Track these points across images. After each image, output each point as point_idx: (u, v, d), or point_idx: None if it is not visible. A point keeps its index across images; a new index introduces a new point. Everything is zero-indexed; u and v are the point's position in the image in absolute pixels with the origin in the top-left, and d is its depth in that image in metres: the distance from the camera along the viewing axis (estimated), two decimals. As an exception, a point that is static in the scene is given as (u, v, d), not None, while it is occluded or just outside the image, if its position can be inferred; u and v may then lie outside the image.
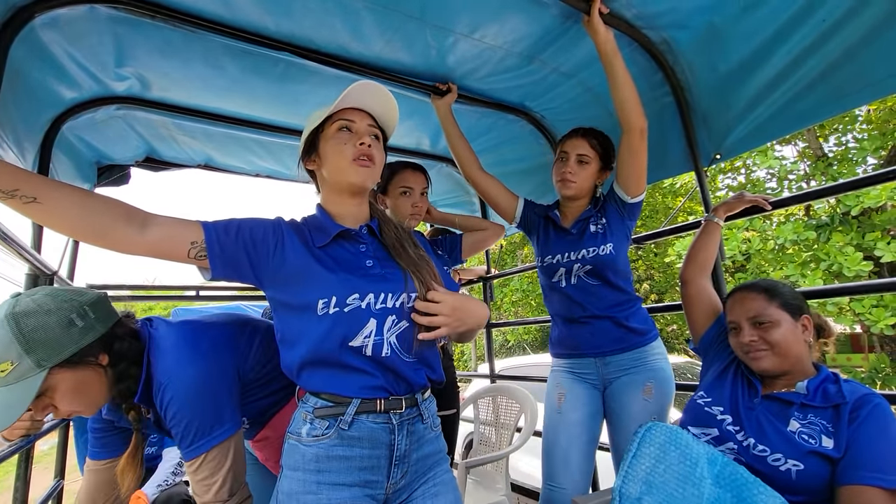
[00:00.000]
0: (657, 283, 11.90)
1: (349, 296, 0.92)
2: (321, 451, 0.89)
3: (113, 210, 0.82)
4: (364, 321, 0.92)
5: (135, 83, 1.64)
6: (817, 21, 1.33)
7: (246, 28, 1.44)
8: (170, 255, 0.88)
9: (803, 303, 1.16)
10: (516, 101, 2.06)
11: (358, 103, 1.04)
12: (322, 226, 1.02)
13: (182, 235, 0.88)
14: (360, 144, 0.99)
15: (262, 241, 0.95)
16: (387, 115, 1.09)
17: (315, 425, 0.91)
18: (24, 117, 1.40)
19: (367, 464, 0.91)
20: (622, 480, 1.04)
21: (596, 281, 1.54)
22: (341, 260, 0.98)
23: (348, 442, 0.90)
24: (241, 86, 1.72)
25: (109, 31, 1.36)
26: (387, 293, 0.95)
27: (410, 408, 0.97)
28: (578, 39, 1.59)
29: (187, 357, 1.00)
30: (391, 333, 0.94)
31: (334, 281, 0.92)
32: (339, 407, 0.91)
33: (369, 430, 0.91)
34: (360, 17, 1.42)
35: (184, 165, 2.26)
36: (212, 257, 0.90)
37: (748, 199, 1.57)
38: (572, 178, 1.56)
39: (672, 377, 1.52)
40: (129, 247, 0.84)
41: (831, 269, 5.48)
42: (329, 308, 0.90)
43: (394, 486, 0.94)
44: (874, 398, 1.00)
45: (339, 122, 1.02)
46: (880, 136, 5.58)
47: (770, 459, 1.02)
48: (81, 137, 1.82)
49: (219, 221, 0.95)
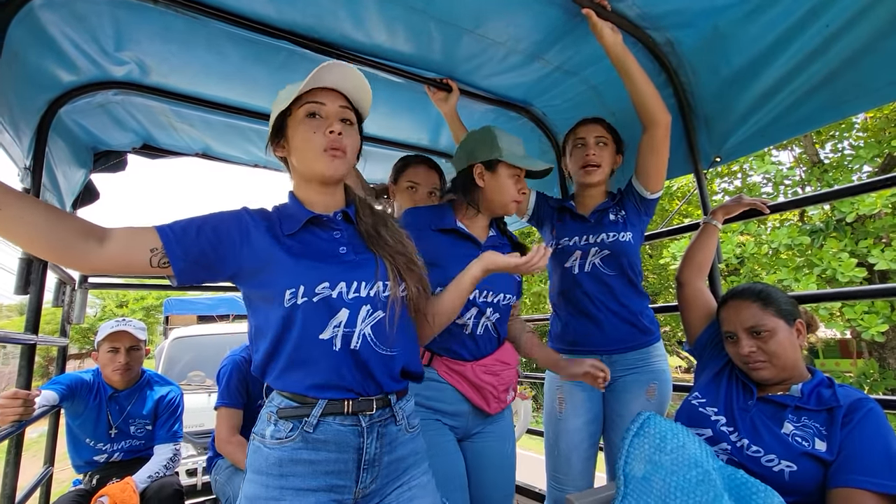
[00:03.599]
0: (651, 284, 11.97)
1: (318, 284, 0.87)
2: (285, 455, 0.84)
3: (74, 225, 0.78)
4: (335, 310, 0.88)
5: (134, 68, 1.62)
6: (820, 27, 1.34)
7: (248, 15, 1.42)
8: (131, 267, 0.83)
9: (796, 307, 1.17)
10: (519, 98, 2.06)
11: (327, 82, 0.96)
12: (292, 213, 0.97)
13: (140, 244, 0.83)
14: (329, 132, 0.94)
15: (226, 237, 0.90)
16: (359, 94, 1.01)
17: (279, 427, 0.86)
18: (20, 100, 1.38)
19: (333, 468, 0.86)
20: (624, 461, 1.05)
21: (612, 271, 1.51)
22: (311, 247, 0.93)
23: (313, 445, 0.85)
24: (241, 74, 1.70)
25: (110, 14, 1.34)
26: (360, 281, 0.91)
27: (382, 409, 0.92)
28: (582, 37, 1.58)
29: None
30: (365, 324, 0.90)
31: (302, 269, 0.88)
32: (304, 408, 0.86)
33: (336, 432, 0.86)
34: (364, 6, 1.41)
35: (181, 153, 2.24)
36: (174, 262, 0.84)
37: (746, 202, 1.58)
38: (596, 159, 1.54)
39: (671, 380, 1.53)
40: (89, 262, 0.80)
41: (824, 274, 5.53)
42: (297, 298, 0.86)
43: (363, 490, 0.89)
44: (868, 403, 1.01)
45: (307, 104, 0.95)
46: (876, 143, 5.62)
47: (763, 460, 1.03)
48: (78, 122, 1.79)
49: (176, 223, 0.88)
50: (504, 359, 1.34)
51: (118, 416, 2.02)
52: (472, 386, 1.27)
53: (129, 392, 2.06)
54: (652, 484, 0.99)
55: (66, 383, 1.93)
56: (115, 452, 2.02)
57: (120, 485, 1.78)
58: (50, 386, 1.89)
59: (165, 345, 5.45)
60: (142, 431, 2.07)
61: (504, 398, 1.33)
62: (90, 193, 2.13)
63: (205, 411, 4.16)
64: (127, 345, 2.00)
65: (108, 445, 2.01)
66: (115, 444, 2.02)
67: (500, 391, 1.30)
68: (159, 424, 2.09)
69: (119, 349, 1.99)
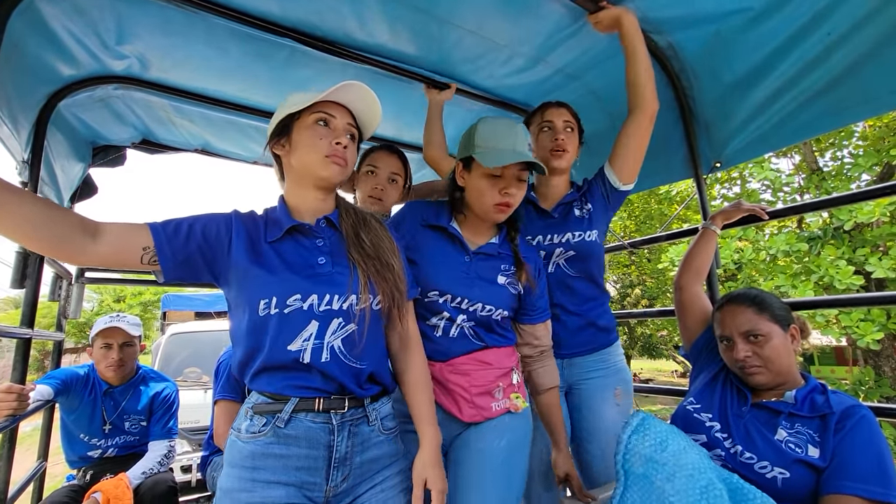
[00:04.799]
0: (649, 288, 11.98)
1: (290, 296, 0.89)
2: (257, 449, 0.87)
3: (69, 220, 0.80)
4: (304, 323, 0.89)
5: (134, 63, 1.61)
6: (822, 35, 1.34)
7: (251, 12, 1.42)
8: (123, 263, 0.86)
9: (790, 312, 1.17)
10: (520, 100, 2.06)
11: (341, 99, 1.00)
12: (278, 219, 0.99)
13: (133, 243, 0.86)
14: (335, 143, 0.96)
15: (215, 239, 0.93)
16: (369, 116, 1.05)
17: (253, 422, 0.89)
18: (20, 93, 1.38)
19: (303, 464, 0.88)
20: (623, 456, 1.05)
21: (576, 272, 1.45)
22: (289, 257, 0.95)
23: (284, 440, 0.88)
24: (242, 70, 1.70)
25: (111, 8, 1.34)
26: (333, 294, 0.92)
27: (354, 408, 0.93)
28: (585, 41, 1.58)
29: None
30: (335, 337, 0.91)
31: (275, 281, 0.90)
32: (277, 404, 0.89)
33: (306, 428, 0.88)
34: (367, 5, 1.41)
35: (180, 149, 2.24)
36: (163, 261, 0.88)
37: (746, 207, 1.58)
38: (565, 144, 1.45)
39: (631, 378, 1.52)
40: (82, 257, 0.82)
41: (821, 281, 5.54)
42: (270, 309, 0.88)
43: (334, 489, 0.91)
44: (860, 410, 1.02)
45: (318, 113, 0.98)
46: (875, 152, 5.64)
47: (757, 467, 1.03)
48: (78, 116, 1.79)
49: (169, 222, 0.91)
50: (484, 358, 1.18)
51: (112, 412, 2.01)
52: (440, 387, 1.15)
53: (123, 388, 2.05)
54: (653, 482, 0.98)
55: (60, 378, 1.92)
56: (110, 448, 2.02)
57: (113, 481, 1.77)
58: (45, 381, 1.88)
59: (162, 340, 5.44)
60: (136, 427, 2.06)
61: (483, 404, 1.14)
62: (88, 188, 2.13)
63: (200, 408, 4.15)
64: (120, 341, 1.99)
65: (102, 441, 2.00)
66: (109, 440, 2.01)
67: (472, 394, 1.14)
68: (154, 421, 2.08)
69: (112, 345, 1.99)
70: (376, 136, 2.29)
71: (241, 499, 0.85)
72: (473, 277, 1.18)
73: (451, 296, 1.16)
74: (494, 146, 1.11)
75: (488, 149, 1.11)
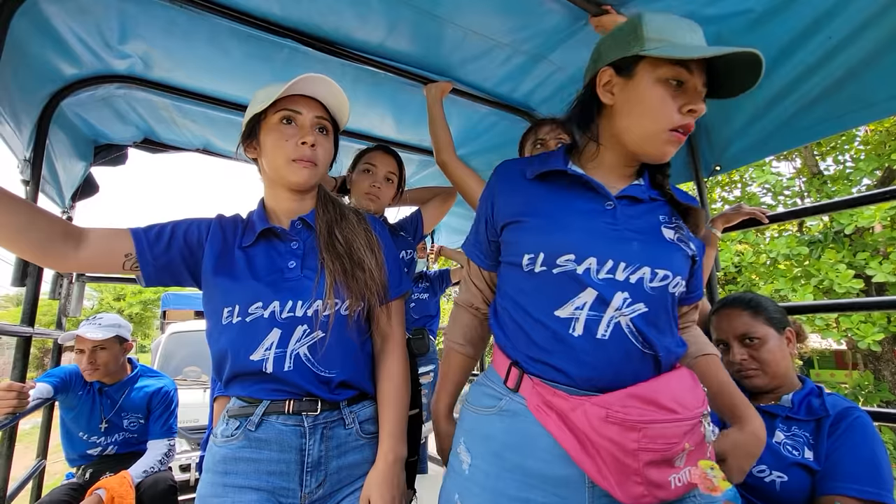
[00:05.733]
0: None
1: (252, 304, 0.88)
2: (229, 453, 0.86)
3: (52, 227, 0.80)
4: (265, 332, 0.87)
5: (137, 62, 1.62)
6: (823, 39, 1.34)
7: (253, 12, 1.43)
8: (105, 269, 0.87)
9: (785, 315, 1.18)
10: (522, 102, 2.06)
11: (306, 91, 0.94)
12: (253, 223, 0.98)
13: (115, 250, 0.87)
14: (301, 144, 0.92)
15: (196, 245, 0.94)
16: (337, 104, 0.99)
17: (228, 425, 0.88)
18: (22, 91, 1.38)
19: (275, 468, 0.85)
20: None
21: None
22: (257, 263, 0.93)
23: (256, 444, 0.86)
24: (244, 70, 1.70)
25: (114, 8, 1.34)
26: (296, 300, 0.88)
27: (329, 411, 0.89)
28: (586, 42, 1.58)
29: None
30: (301, 345, 0.88)
31: (238, 288, 0.89)
32: (250, 407, 0.88)
33: (277, 432, 0.86)
34: (369, 6, 1.42)
35: (182, 149, 2.24)
36: (143, 266, 0.89)
37: (746, 210, 1.59)
38: None
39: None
40: (65, 264, 0.83)
41: (821, 284, 5.54)
42: (233, 317, 0.88)
43: (309, 495, 0.87)
44: (855, 412, 1.02)
45: (282, 111, 0.93)
46: (876, 157, 5.64)
47: (755, 471, 1.03)
48: (80, 115, 1.79)
49: (151, 228, 0.92)
50: (661, 398, 0.69)
51: (109, 410, 2.02)
52: (579, 440, 0.71)
53: (118, 386, 2.06)
54: None
55: (60, 376, 1.93)
56: (110, 445, 2.02)
57: (117, 478, 1.78)
58: (44, 379, 1.88)
59: (162, 339, 5.45)
60: (135, 425, 2.07)
61: (659, 479, 0.67)
62: (90, 186, 2.13)
63: (199, 407, 4.15)
64: (90, 346, 1.98)
65: (101, 439, 2.00)
66: (108, 438, 2.01)
67: (642, 463, 0.67)
68: (153, 419, 2.09)
69: (84, 350, 1.98)
70: (375, 137, 2.30)
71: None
72: (624, 230, 0.79)
73: (595, 260, 0.76)
74: (674, 40, 0.76)
75: (671, 43, 0.75)
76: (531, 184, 0.89)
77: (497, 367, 0.86)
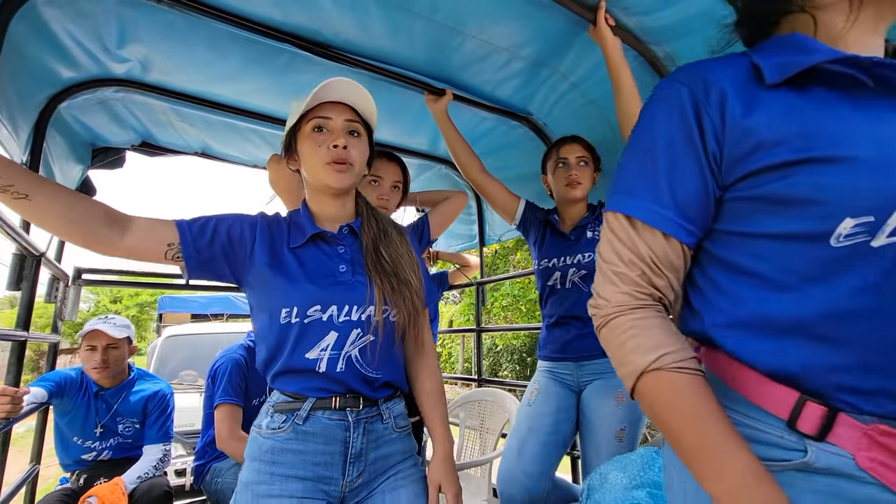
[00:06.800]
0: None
1: (310, 307, 0.92)
2: (277, 444, 0.91)
3: (97, 212, 0.83)
4: (323, 334, 0.92)
5: (135, 66, 1.62)
6: None
7: (252, 17, 1.43)
8: (147, 257, 0.89)
9: None
10: (520, 107, 2.07)
11: (334, 96, 0.99)
12: (301, 224, 1.01)
13: (159, 239, 0.88)
14: (332, 147, 0.96)
15: (238, 241, 0.95)
16: (365, 106, 1.03)
17: (274, 419, 0.93)
18: (19, 94, 1.38)
19: (320, 459, 0.91)
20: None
21: (590, 289, 1.52)
22: (310, 265, 0.96)
23: (302, 437, 0.91)
24: (242, 74, 1.70)
25: (113, 11, 1.34)
26: (352, 305, 0.94)
27: (369, 407, 0.97)
28: (584, 49, 1.59)
29: None
30: (354, 347, 0.94)
31: (296, 290, 0.92)
32: (296, 402, 0.93)
33: (324, 426, 0.92)
34: (368, 12, 1.42)
35: (180, 152, 2.24)
36: (187, 259, 0.90)
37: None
38: (579, 178, 1.60)
39: None
40: (110, 249, 0.85)
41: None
42: (291, 317, 0.91)
43: (350, 484, 0.94)
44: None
45: (313, 120, 0.98)
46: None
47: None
48: (77, 118, 1.79)
49: (195, 221, 0.93)
50: None
51: (105, 414, 2.00)
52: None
53: (115, 390, 2.04)
54: None
55: (55, 380, 1.91)
56: (105, 451, 2.00)
57: (109, 485, 1.76)
58: (39, 383, 1.87)
59: (158, 342, 5.42)
60: (130, 430, 2.05)
61: None
62: (87, 189, 2.13)
63: (196, 411, 4.10)
64: (104, 343, 1.98)
65: (96, 444, 1.99)
66: (102, 443, 2.00)
67: None
68: (149, 424, 2.07)
69: (96, 347, 1.98)
70: (376, 142, 2.30)
71: (261, 490, 0.88)
72: None
73: None
74: None
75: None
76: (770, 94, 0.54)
77: (758, 397, 0.53)
